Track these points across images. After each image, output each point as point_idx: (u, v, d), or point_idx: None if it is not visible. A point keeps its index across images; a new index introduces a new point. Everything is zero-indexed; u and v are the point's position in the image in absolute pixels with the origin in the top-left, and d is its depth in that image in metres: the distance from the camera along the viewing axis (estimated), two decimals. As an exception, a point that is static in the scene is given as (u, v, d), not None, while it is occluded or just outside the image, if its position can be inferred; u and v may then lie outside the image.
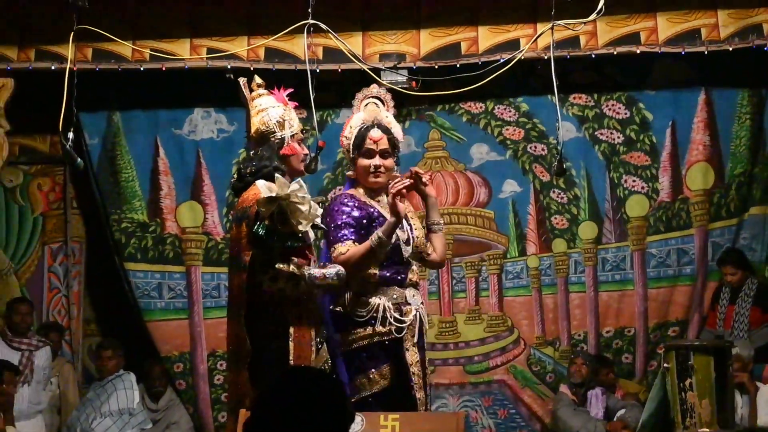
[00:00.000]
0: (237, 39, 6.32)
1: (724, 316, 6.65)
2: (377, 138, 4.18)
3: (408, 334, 4.11)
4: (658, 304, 6.92)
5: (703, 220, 6.90)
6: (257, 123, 4.05)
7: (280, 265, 3.75)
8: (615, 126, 6.94)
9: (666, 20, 6.27)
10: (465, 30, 6.40)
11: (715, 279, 6.88)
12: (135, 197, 6.90)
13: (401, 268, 4.18)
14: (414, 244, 4.22)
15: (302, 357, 3.81)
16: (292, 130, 4.03)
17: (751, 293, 6.60)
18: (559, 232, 6.98)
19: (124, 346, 6.78)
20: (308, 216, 3.74)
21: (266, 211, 3.68)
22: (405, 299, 4.14)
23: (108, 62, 6.22)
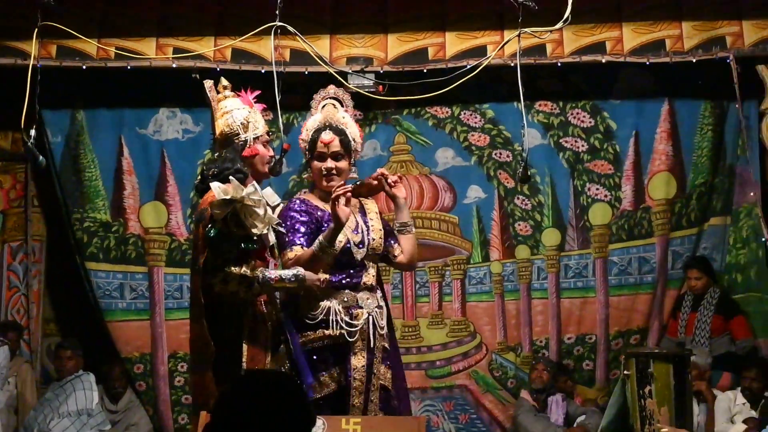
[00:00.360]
0: (204, 39, 6.32)
1: (686, 323, 6.70)
2: (328, 140, 4.19)
3: (359, 338, 4.10)
4: (620, 311, 6.95)
5: (665, 229, 6.95)
6: (222, 125, 4.05)
7: (231, 268, 3.75)
8: (579, 134, 6.99)
9: (631, 30, 6.36)
10: (432, 35, 6.45)
11: (675, 287, 6.94)
12: (98, 196, 6.83)
13: (354, 271, 4.17)
14: (370, 246, 4.21)
15: (256, 359, 3.82)
16: (256, 132, 4.03)
17: (713, 301, 6.66)
18: (523, 239, 7.01)
19: (84, 347, 6.71)
20: (263, 219, 3.74)
21: (220, 213, 3.69)
22: (356, 302, 4.14)
23: (72, 60, 6.20)
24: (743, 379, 6.31)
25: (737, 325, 6.66)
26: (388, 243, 4.35)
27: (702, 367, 6.27)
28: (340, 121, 4.27)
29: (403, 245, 4.36)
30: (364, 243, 4.19)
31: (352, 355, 4.09)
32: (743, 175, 6.78)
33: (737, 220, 6.88)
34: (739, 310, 6.72)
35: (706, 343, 6.54)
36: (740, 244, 6.87)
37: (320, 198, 4.25)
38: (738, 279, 6.89)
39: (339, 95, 4.39)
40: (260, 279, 3.80)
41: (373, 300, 4.21)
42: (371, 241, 4.22)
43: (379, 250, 4.27)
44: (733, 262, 6.92)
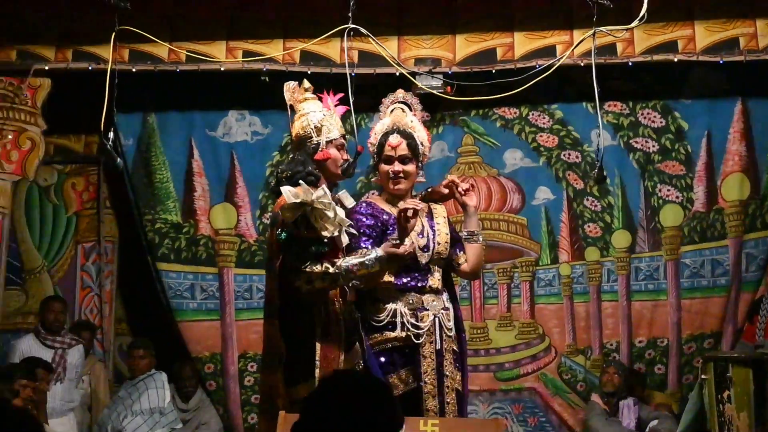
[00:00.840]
0: (273, 42, 6.36)
1: (765, 326, 6.56)
2: (395, 144, 4.20)
3: (426, 341, 4.10)
4: (692, 315, 6.85)
5: (738, 231, 6.83)
6: (297, 127, 4.08)
7: (312, 267, 3.76)
8: (650, 134, 6.90)
9: (704, 29, 6.25)
10: (501, 36, 6.41)
11: (749, 290, 6.80)
12: (169, 198, 6.92)
13: (419, 274, 4.18)
14: (435, 251, 4.20)
15: (329, 358, 3.83)
16: (330, 135, 4.05)
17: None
18: (592, 240, 6.94)
19: (156, 346, 6.80)
20: (334, 221, 3.75)
21: (290, 216, 3.71)
22: (422, 304, 4.14)
23: (144, 63, 6.28)
24: None
25: None
26: (453, 251, 4.33)
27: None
28: (408, 125, 4.27)
29: (469, 254, 4.35)
30: (429, 247, 4.19)
31: (421, 359, 4.09)
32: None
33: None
34: None
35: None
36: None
37: (387, 201, 4.27)
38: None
39: (407, 99, 4.40)
40: (343, 271, 3.80)
41: (439, 302, 4.20)
42: (436, 246, 4.22)
43: (445, 255, 4.26)
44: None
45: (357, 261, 3.84)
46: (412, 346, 4.11)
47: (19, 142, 6.38)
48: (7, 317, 6.87)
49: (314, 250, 3.77)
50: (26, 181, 6.71)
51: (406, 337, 4.09)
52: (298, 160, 4.00)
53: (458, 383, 4.24)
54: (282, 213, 3.75)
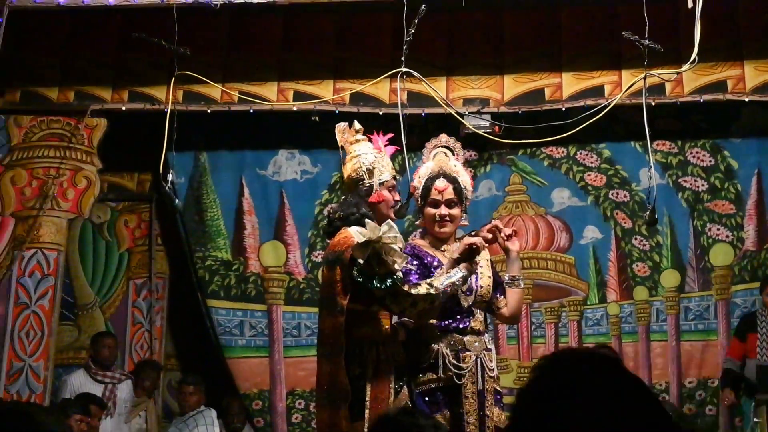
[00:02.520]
0: (323, 83, 6.49)
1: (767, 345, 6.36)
2: (442, 188, 4.24)
3: (468, 381, 4.14)
4: (744, 355, 6.81)
5: (790, 271, 6.80)
6: (349, 169, 4.14)
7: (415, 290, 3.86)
8: (699, 173, 6.91)
9: (753, 68, 6.29)
10: (549, 76, 6.49)
11: None
12: (219, 236, 7.04)
13: (460, 317, 4.21)
14: (478, 293, 4.24)
15: (379, 398, 3.87)
16: (382, 177, 4.10)
17: None
18: (641, 280, 6.94)
19: (205, 382, 6.88)
20: (402, 254, 3.85)
21: (361, 255, 3.77)
22: (464, 345, 4.17)
23: (198, 104, 6.45)
24: None
25: None
26: (494, 295, 4.36)
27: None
28: (452, 169, 4.33)
29: (509, 299, 4.37)
30: (472, 290, 4.23)
31: (464, 400, 4.12)
32: None
33: None
34: None
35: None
36: None
37: (431, 244, 4.31)
38: None
39: (450, 144, 4.44)
40: (440, 291, 3.91)
41: (481, 343, 4.22)
42: (479, 288, 4.25)
43: (487, 298, 4.30)
44: None
45: (447, 281, 3.95)
46: (454, 387, 4.15)
47: (75, 181, 6.56)
48: (60, 352, 6.99)
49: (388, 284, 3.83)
50: (81, 219, 6.86)
51: (448, 378, 4.14)
52: (350, 203, 4.05)
53: (501, 422, 4.25)
54: (353, 253, 3.82)
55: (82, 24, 6.56)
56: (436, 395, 4.16)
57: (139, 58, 6.41)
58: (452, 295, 4.04)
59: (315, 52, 6.55)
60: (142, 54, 6.32)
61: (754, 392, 6.20)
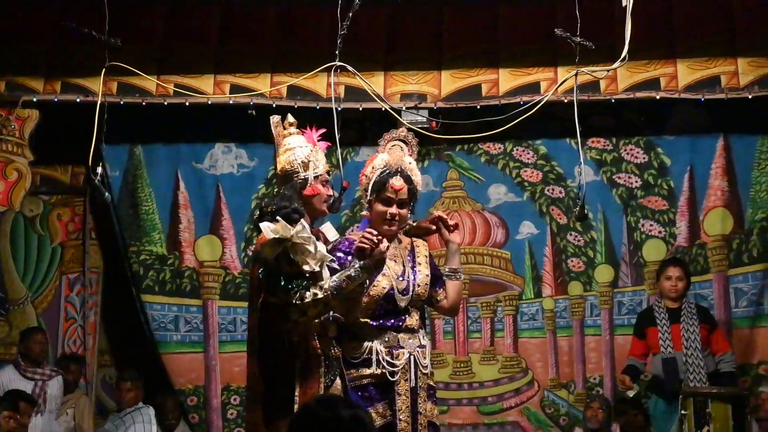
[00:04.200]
0: (260, 76, 6.45)
1: (669, 336, 6.22)
2: (398, 187, 4.19)
3: (401, 378, 4.14)
4: (675, 349, 6.92)
5: (722, 266, 6.92)
6: (283, 162, 4.11)
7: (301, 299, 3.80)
8: (633, 170, 7.01)
9: (686, 67, 6.38)
10: (486, 72, 6.52)
11: (744, 326, 6.83)
12: (154, 230, 6.99)
13: (396, 316, 4.20)
14: (414, 292, 4.23)
15: (308, 395, 3.86)
16: (317, 171, 4.08)
17: (693, 310, 6.24)
18: (575, 275, 7.02)
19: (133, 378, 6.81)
20: (315, 256, 3.78)
21: (271, 252, 3.73)
22: (398, 342, 4.17)
23: (133, 96, 6.36)
24: None
25: (720, 338, 6.31)
26: (433, 289, 4.35)
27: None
28: (408, 167, 4.28)
29: (449, 291, 4.37)
30: (409, 290, 4.21)
31: (396, 397, 4.13)
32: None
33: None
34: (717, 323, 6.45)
35: (700, 357, 6.11)
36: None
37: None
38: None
39: (407, 138, 4.39)
40: (332, 291, 3.83)
41: (415, 340, 4.23)
42: (416, 288, 4.24)
43: (424, 296, 4.29)
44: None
45: (343, 276, 3.86)
46: (388, 383, 4.15)
47: (6, 173, 6.43)
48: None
49: (297, 285, 3.79)
50: (12, 212, 6.75)
51: (382, 374, 4.13)
52: (284, 195, 4.03)
53: (434, 416, 4.29)
54: (263, 250, 3.78)
55: (14, 14, 6.42)
56: (369, 389, 4.16)
57: (72, 48, 6.30)
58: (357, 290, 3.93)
59: (253, 45, 6.50)
60: (75, 44, 6.21)
61: (660, 388, 6.21)
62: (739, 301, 6.90)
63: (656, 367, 6.23)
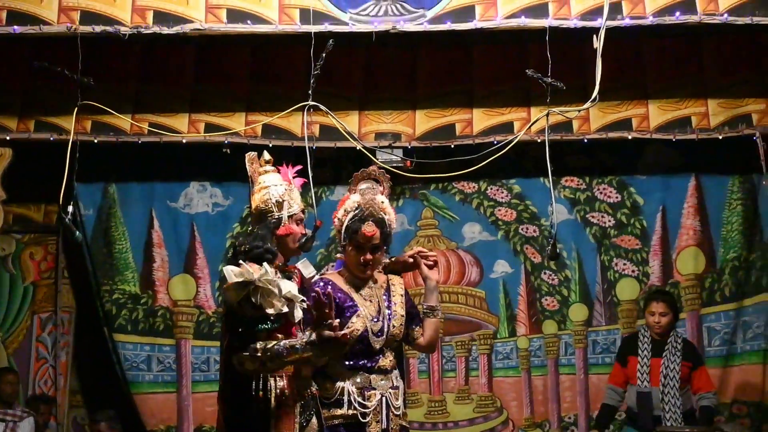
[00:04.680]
0: (235, 115, 6.47)
1: (648, 369, 6.01)
2: (370, 233, 4.17)
3: (372, 419, 4.14)
4: (650, 388, 6.93)
5: (695, 305, 6.97)
6: (258, 200, 4.10)
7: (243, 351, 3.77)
8: (606, 209, 7.06)
9: (657, 108, 6.47)
10: (460, 112, 6.58)
11: (717, 365, 6.82)
12: (128, 269, 6.96)
13: (370, 357, 4.20)
14: (389, 333, 4.22)
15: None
16: (291, 210, 4.08)
17: (678, 345, 6.00)
18: (550, 314, 7.05)
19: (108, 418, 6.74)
20: (280, 298, 3.75)
21: (234, 296, 3.71)
22: (370, 383, 4.18)
23: (107, 135, 6.36)
24: None
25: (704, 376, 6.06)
26: (410, 327, 4.36)
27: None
28: (380, 208, 4.25)
29: (426, 329, 4.36)
30: (384, 331, 4.22)
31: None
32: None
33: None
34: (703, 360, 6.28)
35: (677, 396, 5.93)
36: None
37: (347, 281, 4.28)
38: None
39: (379, 177, 4.38)
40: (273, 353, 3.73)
41: (388, 381, 4.23)
42: (391, 328, 4.24)
43: (399, 338, 4.30)
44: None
45: (288, 344, 3.75)
46: (359, 425, 4.14)
47: (-22, 212, 6.38)
48: (-39, 389, 6.78)
49: (261, 328, 3.76)
50: (-16, 251, 6.70)
51: (353, 415, 4.14)
52: (258, 235, 4.01)
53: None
54: (225, 293, 3.76)
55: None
56: (341, 430, 4.14)
57: (46, 87, 6.29)
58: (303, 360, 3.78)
59: (227, 84, 6.52)
60: (49, 83, 6.20)
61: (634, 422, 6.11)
62: (712, 339, 6.94)
63: (631, 399, 6.10)
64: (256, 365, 3.76)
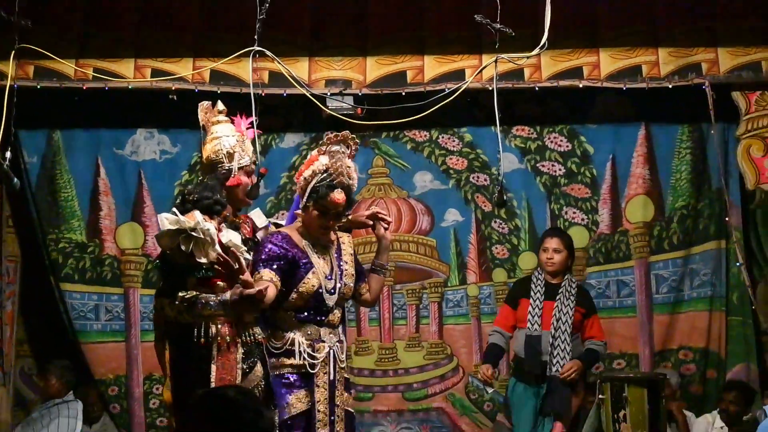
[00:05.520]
0: (182, 61, 6.40)
1: (540, 312, 5.92)
2: (339, 201, 4.29)
3: (320, 371, 4.32)
4: (599, 335, 7.04)
5: (644, 252, 7.05)
6: (209, 150, 4.15)
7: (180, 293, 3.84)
8: (556, 158, 7.10)
9: (608, 56, 6.49)
10: (411, 59, 6.55)
11: (664, 312, 6.95)
12: (74, 217, 6.89)
13: (320, 311, 4.38)
14: (341, 291, 4.41)
15: (225, 380, 3.94)
16: (242, 161, 4.14)
17: (572, 290, 5.96)
18: (500, 262, 7.10)
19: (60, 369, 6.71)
20: (214, 248, 3.79)
21: (167, 244, 3.74)
22: (319, 336, 4.36)
23: (50, 80, 6.26)
24: (721, 401, 6.37)
25: (596, 324, 6.09)
26: (357, 284, 4.58)
27: (673, 386, 6.33)
28: (349, 175, 4.34)
29: (372, 284, 4.63)
30: (336, 289, 4.40)
31: (315, 388, 4.32)
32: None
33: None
34: (596, 309, 6.24)
35: (567, 341, 5.90)
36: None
37: (303, 237, 4.39)
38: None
39: (349, 142, 4.40)
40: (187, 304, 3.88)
41: (335, 335, 4.45)
42: (343, 286, 4.43)
43: (348, 296, 4.52)
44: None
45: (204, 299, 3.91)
46: (308, 374, 4.32)
47: None
48: None
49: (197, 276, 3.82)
50: None
51: (302, 365, 4.31)
52: (208, 185, 4.05)
53: (350, 405, 4.54)
54: (159, 241, 3.78)
55: None
56: (290, 377, 4.32)
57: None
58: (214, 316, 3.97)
59: (175, 29, 6.44)
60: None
61: (520, 370, 6.04)
62: (660, 287, 7.03)
63: (518, 343, 6.02)
64: (174, 313, 3.83)
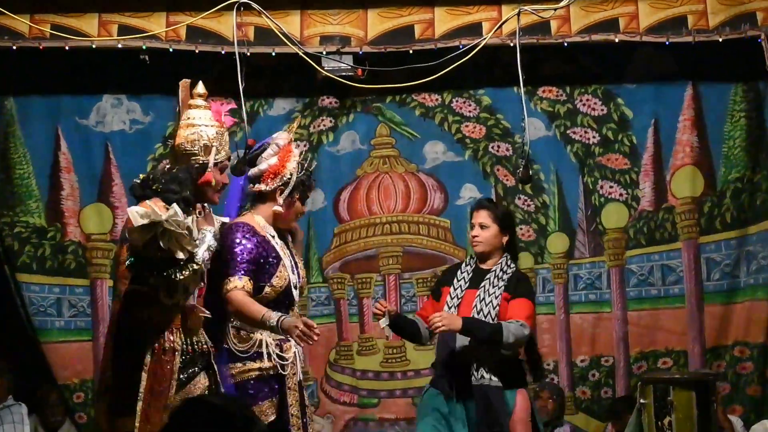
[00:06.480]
0: (154, 15, 6.44)
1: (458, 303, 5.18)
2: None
3: (290, 372, 4.55)
4: (641, 329, 7.09)
5: (693, 233, 7.10)
6: (183, 137, 4.23)
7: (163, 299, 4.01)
8: (590, 124, 7.14)
9: (648, 5, 6.52)
10: (419, 11, 6.58)
11: (716, 302, 7.02)
12: (31, 197, 6.93)
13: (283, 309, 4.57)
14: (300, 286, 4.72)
15: (156, 390, 4.06)
16: (218, 157, 4.24)
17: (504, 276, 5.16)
18: (525, 245, 7.09)
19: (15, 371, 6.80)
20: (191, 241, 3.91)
21: (139, 239, 3.83)
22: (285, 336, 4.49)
23: (1, 39, 6.30)
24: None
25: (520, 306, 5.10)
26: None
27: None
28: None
29: None
30: (297, 283, 4.68)
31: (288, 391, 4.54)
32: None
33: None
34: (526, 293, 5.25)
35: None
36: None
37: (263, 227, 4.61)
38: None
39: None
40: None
41: None
42: (300, 281, 4.74)
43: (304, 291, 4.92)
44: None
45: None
46: (277, 377, 4.52)
47: None
48: None
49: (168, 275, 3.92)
50: None
51: (273, 367, 4.52)
52: (177, 177, 4.13)
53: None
54: (129, 236, 3.88)
55: None
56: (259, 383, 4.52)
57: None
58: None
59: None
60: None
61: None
62: (712, 273, 7.07)
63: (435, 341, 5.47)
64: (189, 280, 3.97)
